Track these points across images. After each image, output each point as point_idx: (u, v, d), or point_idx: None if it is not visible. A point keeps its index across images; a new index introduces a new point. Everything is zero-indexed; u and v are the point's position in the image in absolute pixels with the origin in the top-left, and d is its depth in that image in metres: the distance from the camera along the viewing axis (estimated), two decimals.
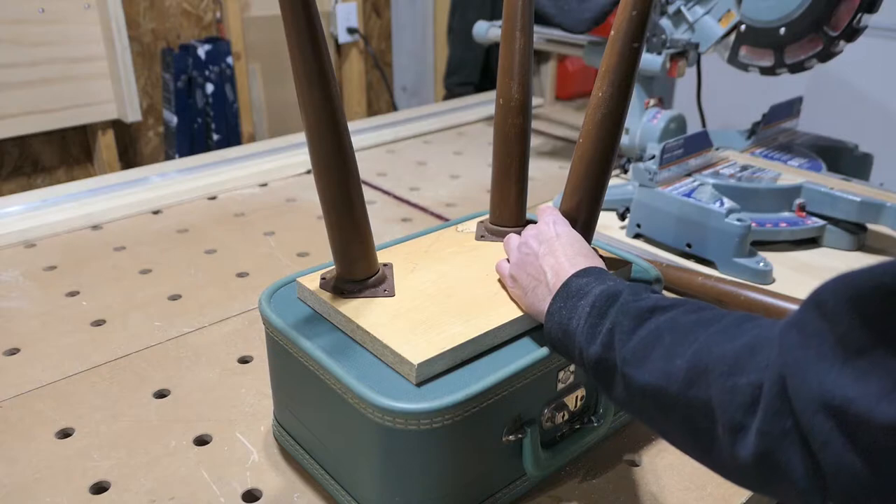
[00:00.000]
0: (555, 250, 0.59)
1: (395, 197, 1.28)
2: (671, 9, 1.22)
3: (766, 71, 1.18)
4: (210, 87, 2.18)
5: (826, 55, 1.09)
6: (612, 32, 0.60)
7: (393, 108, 2.80)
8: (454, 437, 0.54)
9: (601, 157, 0.63)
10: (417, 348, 0.55)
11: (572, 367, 0.62)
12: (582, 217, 0.65)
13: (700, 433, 0.42)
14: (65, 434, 0.71)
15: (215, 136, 2.23)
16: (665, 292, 0.93)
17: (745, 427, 0.38)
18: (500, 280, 0.65)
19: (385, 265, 0.67)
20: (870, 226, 1.05)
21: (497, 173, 0.73)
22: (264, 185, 1.33)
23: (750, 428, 0.38)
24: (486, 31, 1.56)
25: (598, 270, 0.56)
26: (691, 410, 0.42)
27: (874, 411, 0.31)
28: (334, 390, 0.56)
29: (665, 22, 1.22)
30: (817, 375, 0.34)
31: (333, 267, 0.64)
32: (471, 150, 1.52)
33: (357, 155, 0.59)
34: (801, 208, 1.04)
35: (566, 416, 0.64)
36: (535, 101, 1.85)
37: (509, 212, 0.74)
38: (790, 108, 1.29)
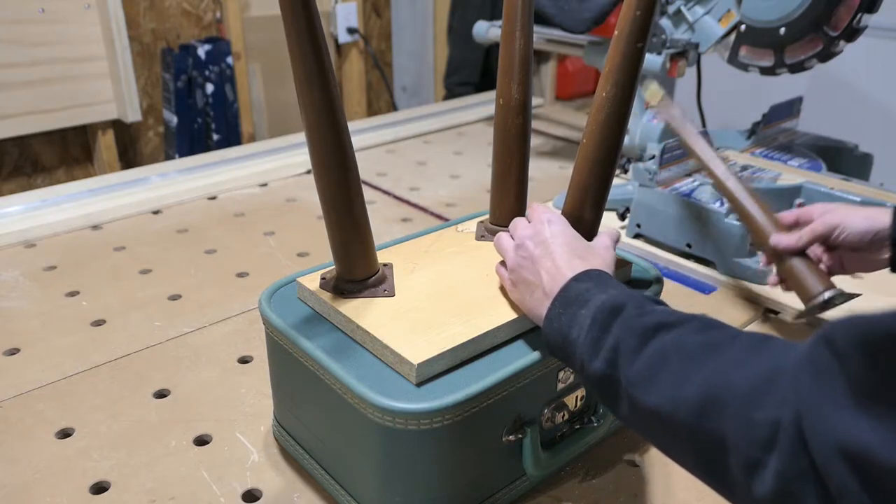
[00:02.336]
0: (551, 252, 0.58)
1: (395, 197, 1.28)
2: (671, 9, 1.22)
3: (766, 71, 1.18)
4: (210, 87, 2.18)
5: (826, 55, 1.09)
6: (616, 32, 0.59)
7: (393, 108, 2.80)
8: (454, 437, 0.54)
9: (605, 157, 0.62)
10: (417, 348, 0.55)
11: None
12: (586, 217, 0.65)
13: (711, 463, 0.41)
14: (65, 434, 0.71)
15: (215, 136, 2.23)
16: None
17: (763, 464, 0.37)
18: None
19: (385, 265, 0.67)
20: None
21: (497, 173, 0.73)
22: (264, 185, 1.33)
23: (767, 466, 0.37)
24: (486, 31, 1.56)
25: (598, 274, 0.55)
26: (702, 440, 0.41)
27: (891, 458, 0.31)
28: (334, 390, 0.56)
29: (665, 22, 1.22)
30: (832, 418, 0.33)
31: (333, 267, 0.64)
32: (471, 150, 1.52)
33: (357, 155, 0.59)
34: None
35: (566, 416, 0.64)
36: (535, 101, 1.85)
37: (509, 212, 0.74)
38: (790, 108, 1.29)
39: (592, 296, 0.52)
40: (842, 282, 0.98)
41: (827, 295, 0.74)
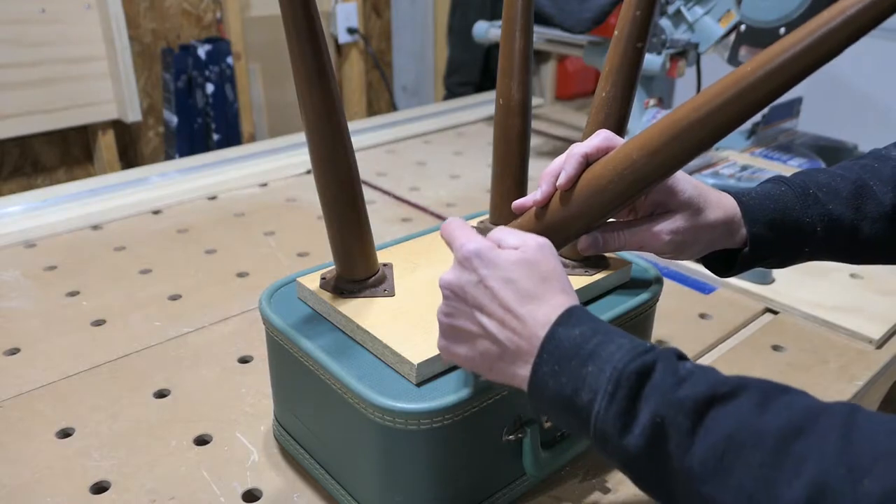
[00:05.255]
0: (497, 294, 0.46)
1: (395, 197, 1.28)
2: (671, 9, 1.22)
3: None
4: (210, 87, 2.18)
5: None
6: (616, 33, 0.60)
7: (393, 108, 2.80)
8: (454, 437, 0.54)
9: None
10: (417, 348, 0.55)
11: None
12: None
13: None
14: (65, 434, 0.71)
15: (215, 136, 2.23)
16: None
17: None
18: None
19: (385, 265, 0.67)
20: None
21: (497, 173, 0.73)
22: (264, 185, 1.33)
23: None
24: (486, 31, 1.57)
25: (583, 314, 0.45)
26: None
27: None
28: (334, 390, 0.56)
29: (665, 22, 1.22)
30: None
31: (333, 267, 0.64)
32: (471, 150, 1.52)
33: (357, 155, 0.59)
34: None
35: None
36: (535, 101, 1.85)
37: (509, 212, 0.74)
38: (790, 108, 1.29)
39: (597, 347, 0.43)
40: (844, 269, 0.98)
41: None
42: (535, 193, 0.54)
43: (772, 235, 0.57)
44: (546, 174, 0.54)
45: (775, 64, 0.40)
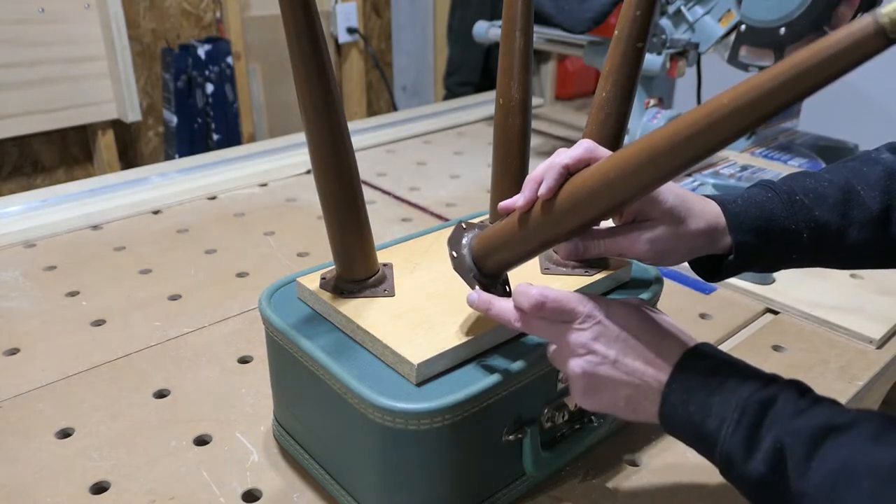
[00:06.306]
0: (634, 346, 0.51)
1: (395, 197, 1.28)
2: (671, 9, 1.22)
3: None
4: (210, 87, 2.18)
5: None
6: (616, 32, 0.60)
7: (393, 108, 2.80)
8: (454, 437, 0.54)
9: None
10: (417, 348, 0.55)
11: None
12: None
13: None
14: (65, 434, 0.71)
15: (215, 136, 2.23)
16: None
17: None
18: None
19: (385, 265, 0.67)
20: None
21: (497, 173, 0.73)
22: (264, 185, 1.33)
23: None
24: (486, 31, 1.57)
25: (706, 350, 0.50)
26: None
27: None
28: (334, 390, 0.56)
29: (665, 22, 1.22)
30: None
31: (333, 267, 0.64)
32: (471, 150, 1.52)
33: (357, 155, 0.59)
34: None
35: (566, 416, 0.64)
36: (535, 101, 1.85)
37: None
38: (790, 108, 1.29)
39: (724, 380, 0.47)
40: (839, 275, 0.98)
41: None
42: (518, 197, 0.55)
43: (757, 242, 0.58)
44: (529, 180, 0.55)
45: (746, 100, 0.40)
